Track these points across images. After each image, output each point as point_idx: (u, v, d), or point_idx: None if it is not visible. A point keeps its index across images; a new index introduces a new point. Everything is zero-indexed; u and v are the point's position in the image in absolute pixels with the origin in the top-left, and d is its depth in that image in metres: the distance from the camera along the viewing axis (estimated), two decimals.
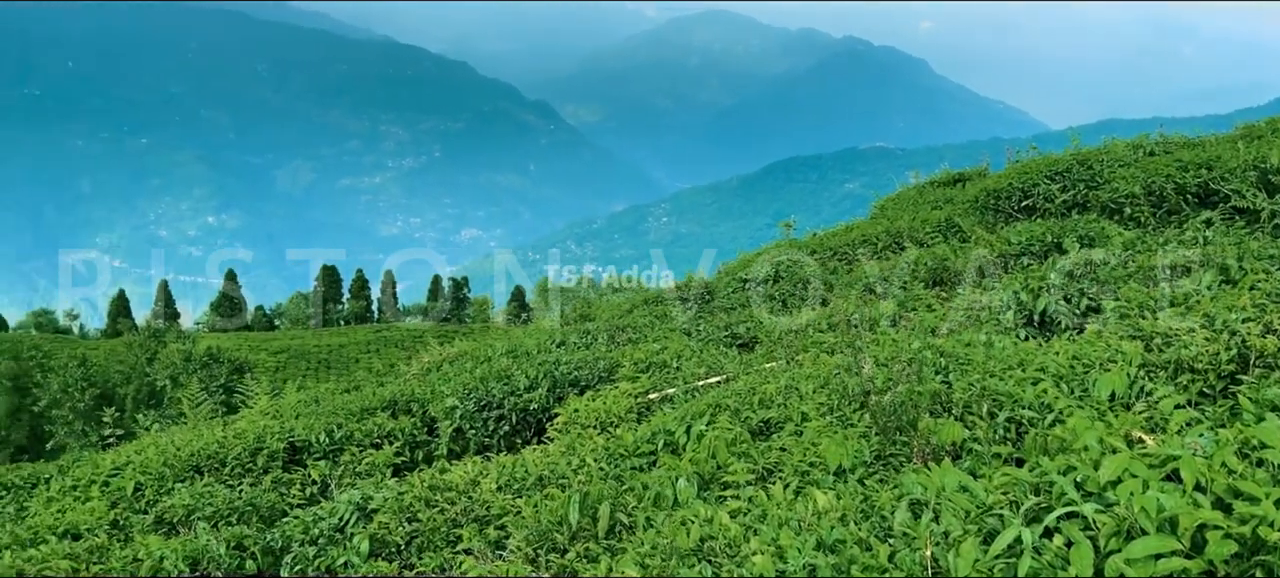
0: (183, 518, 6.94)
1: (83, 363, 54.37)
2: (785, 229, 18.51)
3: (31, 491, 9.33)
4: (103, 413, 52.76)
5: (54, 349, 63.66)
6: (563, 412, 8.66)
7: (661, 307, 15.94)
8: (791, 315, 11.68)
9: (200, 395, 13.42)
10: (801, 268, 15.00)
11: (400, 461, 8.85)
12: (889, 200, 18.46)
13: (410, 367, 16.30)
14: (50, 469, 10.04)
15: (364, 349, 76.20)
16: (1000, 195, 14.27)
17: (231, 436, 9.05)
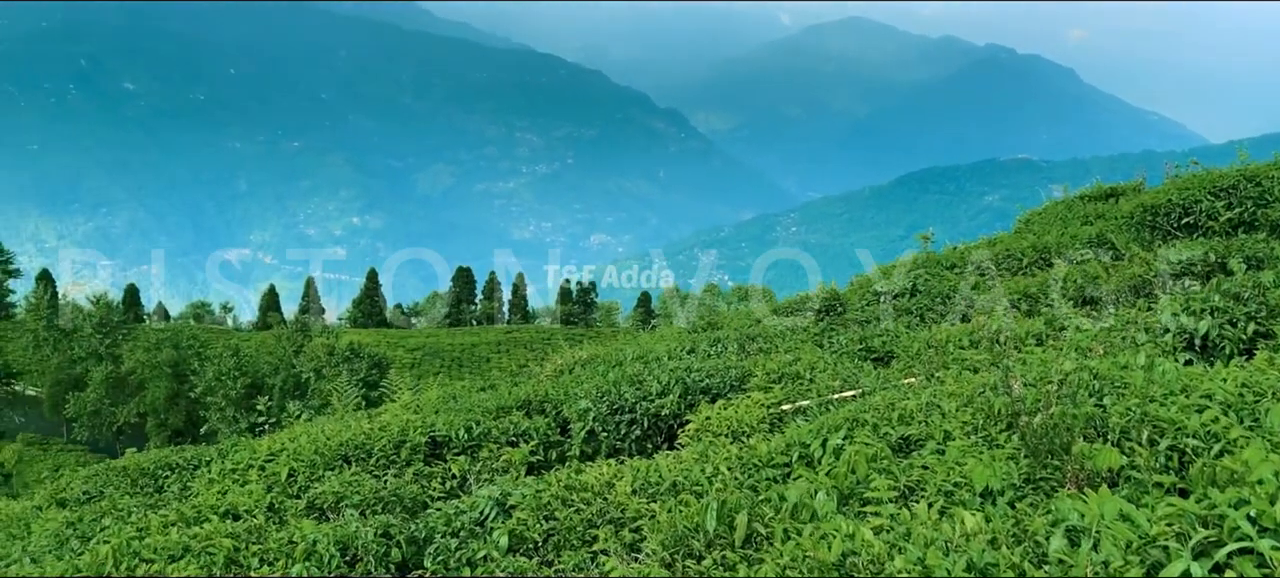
0: (332, 505, 7.27)
1: (235, 353, 57.27)
2: (923, 242, 18.04)
3: (194, 472, 9.94)
4: (253, 401, 55.81)
5: (210, 340, 67.42)
6: (694, 419, 8.67)
7: (792, 318, 15.77)
8: (930, 330, 11.37)
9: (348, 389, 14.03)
10: (941, 282, 14.59)
11: (535, 459, 9.04)
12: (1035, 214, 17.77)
13: (542, 368, 16.61)
14: (211, 453, 10.66)
15: (494, 349, 78.20)
16: (1158, 212, 13.54)
17: (377, 428, 9.42)
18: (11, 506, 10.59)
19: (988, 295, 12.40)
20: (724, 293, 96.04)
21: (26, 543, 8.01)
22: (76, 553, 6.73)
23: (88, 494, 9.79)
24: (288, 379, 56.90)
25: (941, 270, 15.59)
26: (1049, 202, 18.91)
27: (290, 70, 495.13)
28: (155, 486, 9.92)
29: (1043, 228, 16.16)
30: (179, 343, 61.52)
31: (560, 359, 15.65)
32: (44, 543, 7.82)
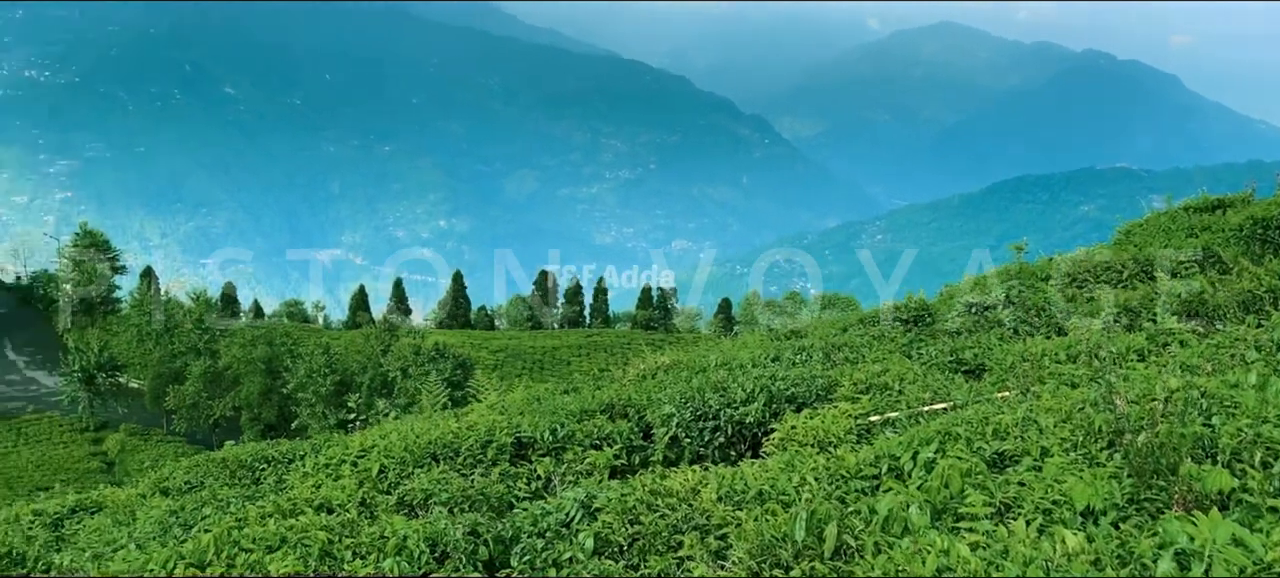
0: (421, 501, 7.41)
1: (326, 351, 58.78)
2: (1016, 252, 17.56)
3: (289, 465, 10.24)
4: (342, 398, 57.28)
5: (302, 337, 69.36)
6: (779, 428, 8.59)
7: (878, 327, 15.53)
8: (1024, 343, 11.06)
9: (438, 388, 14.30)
10: (1035, 293, 14.19)
11: (618, 463, 9.07)
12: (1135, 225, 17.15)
13: (624, 372, 16.66)
14: (305, 447, 10.97)
15: (575, 352, 78.84)
16: (1270, 225, 12.94)
17: (464, 428, 9.57)
18: (118, 493, 11.07)
19: (1086, 308, 12.00)
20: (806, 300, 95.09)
21: (132, 529, 8.37)
22: (179, 540, 7.00)
23: (189, 484, 10.17)
24: (375, 378, 58.18)
25: (1036, 282, 15.16)
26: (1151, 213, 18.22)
27: (383, 76, 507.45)
28: (252, 478, 10.25)
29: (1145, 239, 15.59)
30: (273, 340, 63.42)
31: (642, 364, 15.68)
32: (148, 530, 8.15)
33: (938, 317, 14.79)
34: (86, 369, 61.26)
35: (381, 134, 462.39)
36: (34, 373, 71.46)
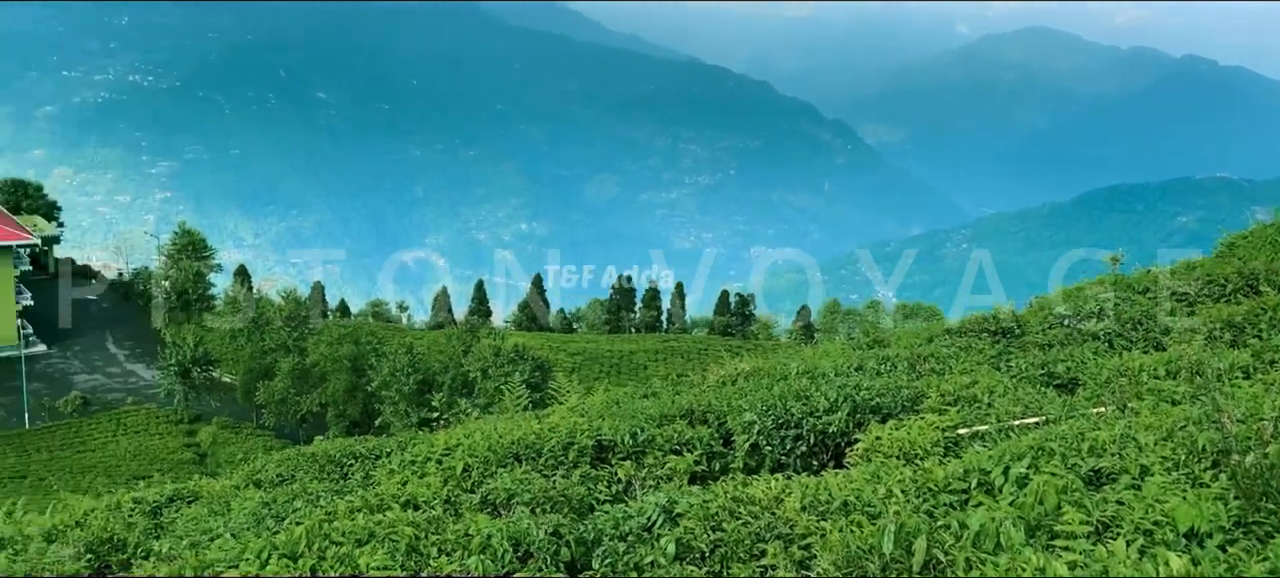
0: (504, 501, 7.50)
1: (409, 351, 59.98)
2: (1111, 263, 17.01)
3: (376, 462, 10.47)
4: (424, 397, 58.38)
5: (386, 337, 70.93)
6: (864, 438, 8.46)
7: (965, 338, 15.20)
8: (1120, 358, 10.69)
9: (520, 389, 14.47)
10: (1131, 306, 13.72)
11: (698, 469, 9.04)
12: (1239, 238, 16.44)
13: (703, 378, 16.61)
14: (391, 444, 11.20)
15: (652, 357, 78.93)
16: None
17: (546, 429, 9.66)
18: (212, 484, 11.47)
19: (1187, 323, 11.55)
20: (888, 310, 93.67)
21: (227, 519, 8.66)
22: (272, 531, 7.21)
23: (280, 477, 10.48)
24: (456, 377, 59.17)
25: (1132, 294, 14.65)
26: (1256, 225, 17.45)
27: (468, 81, 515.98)
28: (340, 472, 10.51)
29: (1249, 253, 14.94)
30: (358, 339, 65.03)
31: (722, 370, 15.62)
32: (242, 520, 8.43)
33: (1027, 328, 14.40)
34: (182, 363, 63.57)
35: (465, 139, 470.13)
36: (133, 366, 74.47)
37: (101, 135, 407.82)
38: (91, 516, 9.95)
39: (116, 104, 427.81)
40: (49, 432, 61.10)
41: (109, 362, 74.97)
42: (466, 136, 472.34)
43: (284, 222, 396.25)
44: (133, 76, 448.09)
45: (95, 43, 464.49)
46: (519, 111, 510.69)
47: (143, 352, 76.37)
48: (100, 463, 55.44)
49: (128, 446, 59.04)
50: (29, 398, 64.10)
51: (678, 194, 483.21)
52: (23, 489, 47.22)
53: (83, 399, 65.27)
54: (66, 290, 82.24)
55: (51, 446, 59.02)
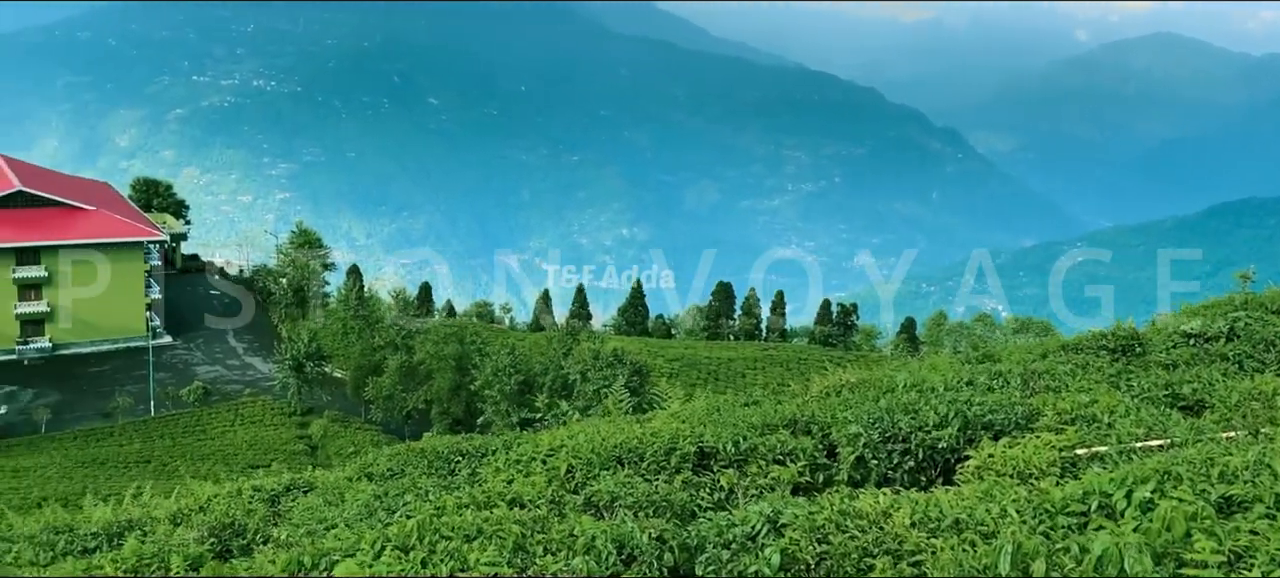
0: (607, 503, 7.55)
1: (511, 352, 61.03)
2: (1242, 281, 16.16)
3: (482, 459, 10.67)
4: (525, 397, 59.33)
5: (489, 337, 72.34)
6: (975, 455, 8.22)
7: (1082, 355, 14.64)
8: (1252, 380, 10.13)
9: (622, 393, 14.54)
10: (1264, 326, 13.00)
11: (801, 480, 8.93)
12: None
13: (806, 388, 16.41)
14: (496, 443, 11.41)
15: (750, 365, 78.41)
16: None
17: (648, 434, 9.68)
18: (326, 475, 11.87)
19: None
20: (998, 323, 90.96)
21: (341, 510, 8.95)
22: (384, 523, 7.43)
23: (391, 471, 10.78)
24: (556, 379, 59.90)
25: (1265, 314, 13.88)
26: None
27: (574, 88, 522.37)
28: (448, 469, 10.74)
29: None
30: (463, 339, 66.53)
31: (825, 381, 15.40)
32: (356, 511, 8.70)
33: (1149, 347, 13.78)
34: (296, 358, 66.01)
35: (570, 144, 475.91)
36: (251, 359, 77.72)
37: (227, 138, 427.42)
38: (214, 501, 10.43)
39: (241, 108, 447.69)
40: (172, 419, 64.29)
41: (229, 355, 78.44)
42: (571, 142, 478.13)
43: (395, 223, 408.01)
44: (257, 81, 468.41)
45: (223, 49, 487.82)
46: (623, 117, 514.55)
47: (260, 345, 79.61)
48: (218, 451, 58.05)
49: (244, 435, 61.65)
50: (155, 387, 67.55)
51: (780, 201, 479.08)
52: (147, 473, 49.81)
53: (204, 389, 68.41)
54: (213, 287, 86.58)
55: (174, 433, 62.07)
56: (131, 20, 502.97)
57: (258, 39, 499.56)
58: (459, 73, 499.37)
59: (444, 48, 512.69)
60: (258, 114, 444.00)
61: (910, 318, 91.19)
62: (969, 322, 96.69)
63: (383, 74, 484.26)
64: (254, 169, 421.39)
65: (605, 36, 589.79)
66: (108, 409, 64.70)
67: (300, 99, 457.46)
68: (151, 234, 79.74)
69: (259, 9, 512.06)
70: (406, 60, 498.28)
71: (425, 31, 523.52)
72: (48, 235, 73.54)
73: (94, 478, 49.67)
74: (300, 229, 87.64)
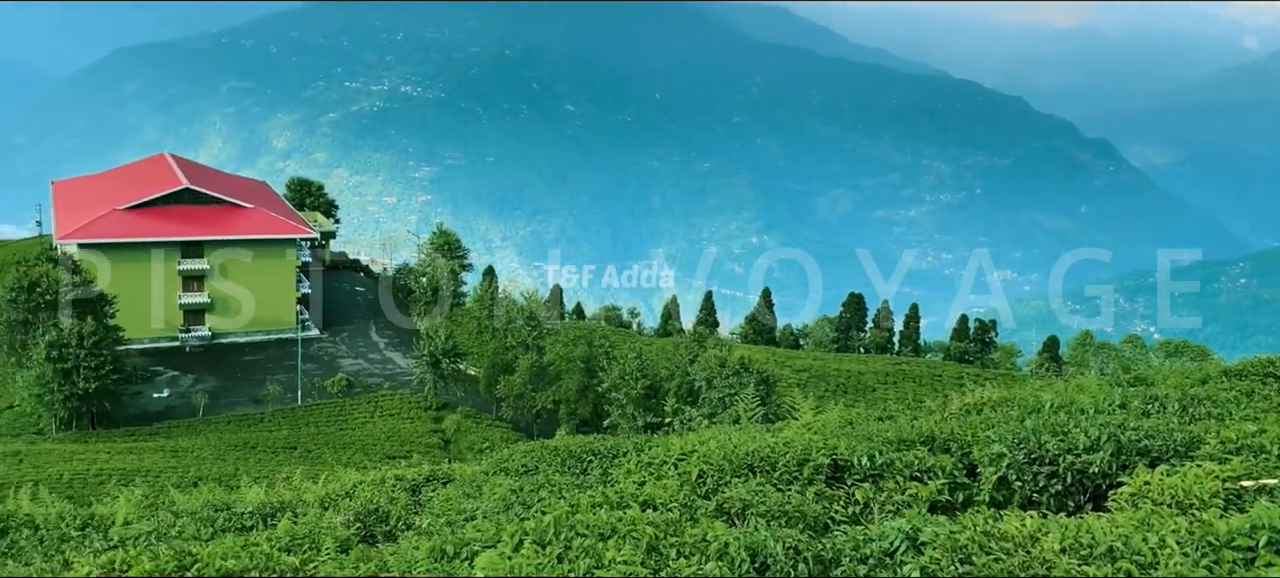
0: (739, 510, 7.50)
1: (639, 356, 61.46)
2: None
3: (613, 460, 10.78)
4: (650, 401, 59.71)
5: (617, 341, 73.00)
6: (1130, 482, 7.79)
7: (1247, 382, 13.73)
8: None
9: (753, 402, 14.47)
10: None
11: (940, 498, 8.66)
12: None
13: (944, 404, 15.93)
14: (628, 445, 11.50)
15: (881, 379, 76.65)
16: None
17: (780, 443, 9.58)
18: (464, 468, 12.24)
19: None
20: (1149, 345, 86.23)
21: (478, 503, 9.20)
22: (521, 517, 7.60)
23: (525, 468, 11.03)
24: (682, 385, 60.00)
25: None
26: None
27: (708, 95, 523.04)
28: (580, 467, 10.91)
29: None
30: (592, 342, 67.44)
31: (966, 398, 14.90)
32: (493, 504, 8.93)
33: None
34: (433, 354, 68.31)
35: (702, 151, 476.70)
36: (392, 354, 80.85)
37: (375, 141, 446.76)
38: (359, 488, 10.89)
39: (389, 113, 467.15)
40: (317, 409, 67.52)
41: (371, 349, 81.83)
42: (703, 149, 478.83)
43: (530, 226, 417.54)
44: (404, 87, 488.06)
45: (373, 56, 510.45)
46: (757, 125, 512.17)
47: (400, 341, 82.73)
48: (358, 440, 60.60)
49: (383, 427, 64.18)
50: (302, 377, 71.08)
51: (917, 212, 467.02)
52: (294, 459, 52.44)
53: (347, 381, 71.56)
54: (382, 283, 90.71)
55: (319, 421, 65.16)
56: (292, 28, 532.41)
57: (406, 47, 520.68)
58: (596, 80, 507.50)
59: (582, 56, 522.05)
60: (404, 119, 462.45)
61: (1053, 337, 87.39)
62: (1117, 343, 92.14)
63: (523, 81, 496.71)
64: (399, 171, 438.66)
65: (741, 44, 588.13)
66: (259, 397, 68.44)
67: (444, 105, 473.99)
68: (304, 232, 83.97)
69: (409, 18, 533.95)
70: (546, 68, 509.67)
71: (565, 40, 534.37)
72: (211, 231, 78.39)
73: (245, 461, 52.63)
74: (440, 230, 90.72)
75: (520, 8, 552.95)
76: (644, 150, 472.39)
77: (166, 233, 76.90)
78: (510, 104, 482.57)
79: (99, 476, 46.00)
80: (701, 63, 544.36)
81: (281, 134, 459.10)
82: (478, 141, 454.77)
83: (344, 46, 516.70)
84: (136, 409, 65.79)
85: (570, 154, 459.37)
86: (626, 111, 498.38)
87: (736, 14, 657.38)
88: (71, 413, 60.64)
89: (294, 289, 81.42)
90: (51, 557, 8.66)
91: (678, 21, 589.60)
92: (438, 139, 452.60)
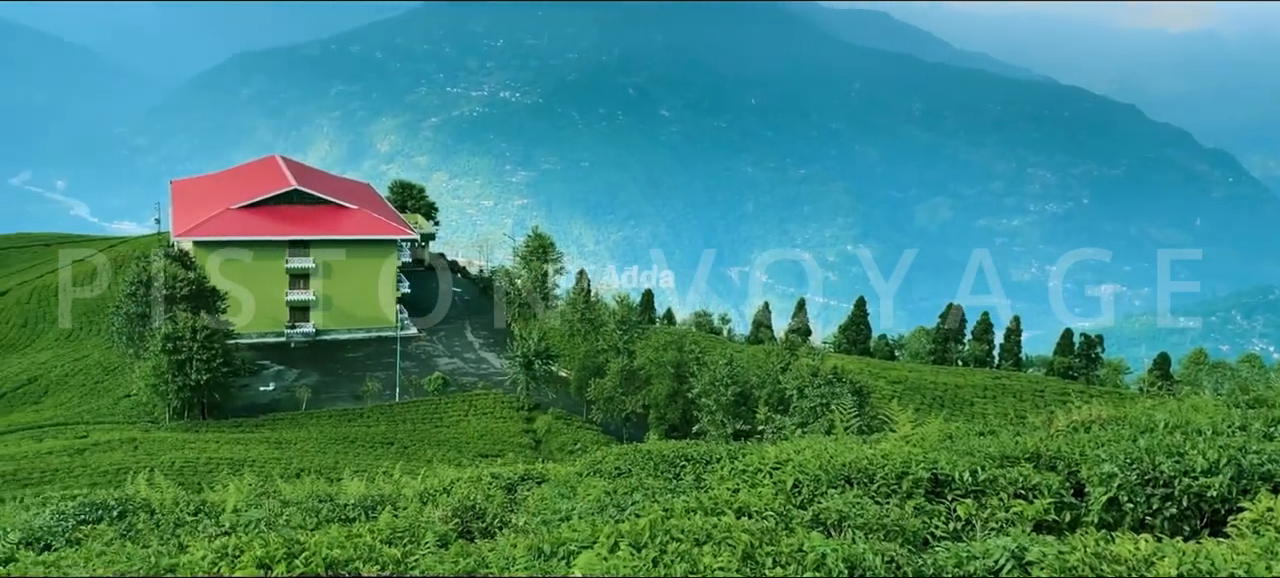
0: (836, 522, 7.39)
1: (729, 363, 61.05)
2: None
3: (706, 466, 10.74)
4: (740, 409, 59.31)
5: (708, 347, 72.77)
6: (1252, 508, 7.41)
7: None
8: None
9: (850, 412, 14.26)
10: None
11: (1047, 518, 8.37)
12: None
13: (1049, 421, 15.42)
14: (721, 451, 11.45)
15: (980, 393, 74.55)
16: None
17: (878, 455, 9.40)
18: (558, 469, 12.37)
19: None
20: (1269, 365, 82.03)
21: (573, 503, 9.28)
22: (615, 519, 7.63)
23: (619, 470, 11.07)
24: (772, 394, 59.43)
25: None
26: None
27: (805, 101, 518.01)
28: (673, 472, 10.90)
29: None
30: (682, 347, 67.35)
31: (1073, 415, 14.40)
32: (587, 505, 8.99)
33: None
34: (526, 356, 69.18)
35: (798, 158, 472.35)
36: (486, 354, 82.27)
37: (474, 145, 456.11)
38: (456, 485, 11.09)
39: (489, 118, 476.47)
40: (414, 406, 69.10)
41: (466, 348, 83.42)
42: (799, 155, 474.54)
43: (622, 231, 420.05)
44: (503, 93, 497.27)
45: (474, 62, 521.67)
46: (855, 132, 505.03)
47: (494, 342, 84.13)
48: (453, 438, 61.81)
49: (476, 425, 65.30)
50: (400, 375, 72.87)
51: (1020, 222, 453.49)
52: (391, 454, 53.80)
53: (443, 380, 73.04)
54: (446, 285, 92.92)
55: (415, 418, 66.66)
56: (397, 34, 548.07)
57: (506, 53, 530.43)
58: (692, 86, 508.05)
59: (679, 62, 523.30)
60: (502, 123, 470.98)
61: (1164, 354, 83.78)
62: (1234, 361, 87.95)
63: (619, 87, 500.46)
64: (496, 176, 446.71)
65: (840, 49, 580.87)
66: (359, 392, 70.42)
67: (541, 110, 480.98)
68: (405, 233, 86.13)
69: (509, 25, 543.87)
70: (642, 74, 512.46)
71: (662, 46, 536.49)
72: (317, 230, 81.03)
73: (345, 454, 54.19)
74: (535, 234, 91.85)
75: (619, 14, 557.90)
76: (738, 156, 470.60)
77: (275, 232, 79.79)
78: (606, 109, 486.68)
79: (208, 464, 47.99)
80: (799, 68, 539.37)
81: (385, 138, 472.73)
82: (573, 147, 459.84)
83: (446, 53, 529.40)
84: (244, 401, 68.38)
85: (664, 160, 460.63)
86: (722, 117, 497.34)
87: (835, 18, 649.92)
88: (184, 403, 63.31)
89: (394, 289, 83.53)
90: (167, 540, 9.07)
91: (776, 27, 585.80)
92: (534, 144, 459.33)
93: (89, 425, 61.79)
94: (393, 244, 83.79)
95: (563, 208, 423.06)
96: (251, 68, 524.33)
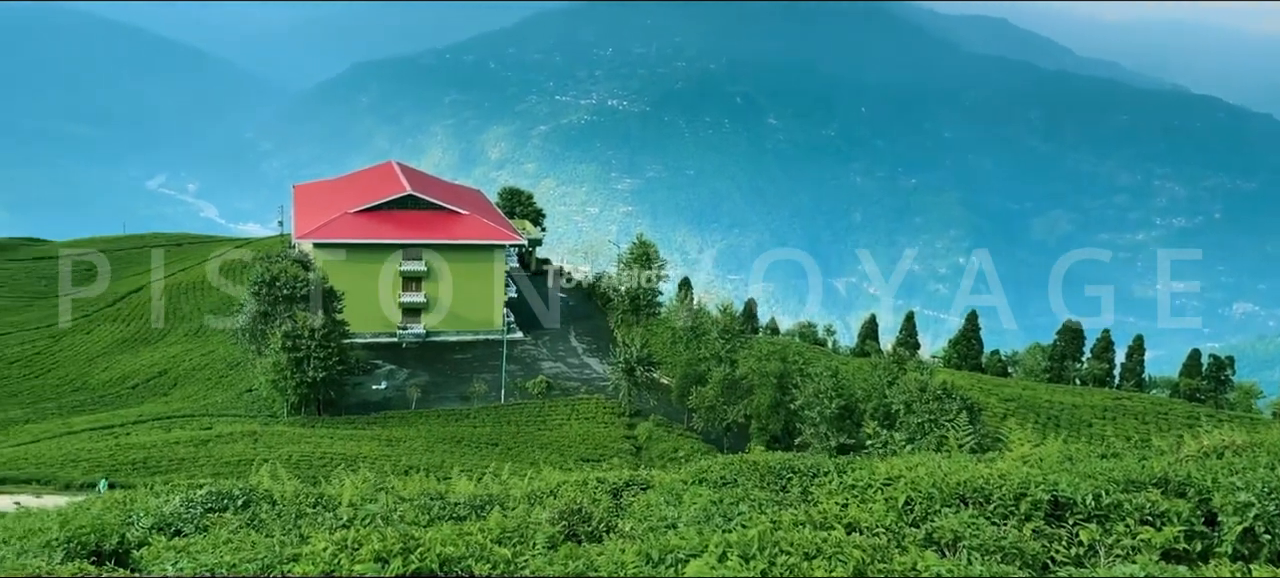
0: (950, 542, 7.18)
1: (834, 375, 60.10)
2: None
3: (813, 479, 10.59)
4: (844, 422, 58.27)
5: (812, 358, 71.74)
6: None
7: None
8: None
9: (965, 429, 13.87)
10: None
11: (1176, 546, 7.96)
12: None
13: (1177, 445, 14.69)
14: (829, 464, 11.26)
15: (1098, 414, 71.40)
16: None
17: (994, 474, 9.10)
18: (663, 476, 12.37)
19: None
20: None
21: (679, 510, 9.26)
22: (722, 529, 7.58)
23: (724, 479, 11.01)
24: (878, 407, 58.23)
25: None
26: None
27: (918, 110, 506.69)
28: (779, 484, 10.78)
29: None
30: (785, 357, 66.61)
31: (1204, 439, 13.67)
32: (694, 513, 8.97)
33: None
34: (629, 362, 69.56)
35: (908, 167, 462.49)
36: (589, 359, 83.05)
37: (581, 153, 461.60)
38: (563, 487, 11.21)
39: (596, 126, 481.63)
40: (518, 408, 70.27)
41: (569, 353, 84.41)
42: (910, 165, 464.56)
43: (726, 239, 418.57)
44: (611, 101, 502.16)
45: (583, 71, 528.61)
46: (969, 141, 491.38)
47: (598, 347, 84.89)
48: (555, 442, 62.54)
49: (578, 430, 65.95)
50: (506, 378, 74.20)
51: (1145, 236, 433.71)
52: (496, 455, 54.78)
53: (547, 384, 74.09)
54: (555, 291, 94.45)
55: (519, 421, 67.77)
56: (509, 44, 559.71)
57: (614, 62, 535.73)
58: (800, 94, 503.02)
59: (787, 69, 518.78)
60: (609, 131, 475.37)
61: None
62: None
63: (726, 95, 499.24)
64: (601, 183, 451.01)
65: (956, 56, 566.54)
66: (466, 394, 72.00)
67: (648, 118, 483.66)
68: (514, 239, 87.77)
69: (618, 34, 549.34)
70: (749, 82, 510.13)
71: (770, 53, 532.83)
72: (429, 235, 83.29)
73: (452, 454, 55.44)
74: (640, 241, 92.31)
75: (727, 22, 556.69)
76: (846, 165, 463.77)
77: (390, 235, 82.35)
78: (712, 117, 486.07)
79: (323, 458, 49.75)
80: (912, 76, 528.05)
81: (496, 145, 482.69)
82: (678, 154, 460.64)
83: (556, 62, 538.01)
84: (357, 399, 70.73)
85: (770, 168, 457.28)
86: (830, 126, 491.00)
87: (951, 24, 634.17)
88: (301, 399, 65.86)
89: (502, 293, 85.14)
90: (289, 530, 9.42)
91: (888, 32, 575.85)
92: (640, 151, 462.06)
93: (213, 418, 64.89)
94: (501, 249, 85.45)
95: (667, 215, 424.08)
96: (370, 77, 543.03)
